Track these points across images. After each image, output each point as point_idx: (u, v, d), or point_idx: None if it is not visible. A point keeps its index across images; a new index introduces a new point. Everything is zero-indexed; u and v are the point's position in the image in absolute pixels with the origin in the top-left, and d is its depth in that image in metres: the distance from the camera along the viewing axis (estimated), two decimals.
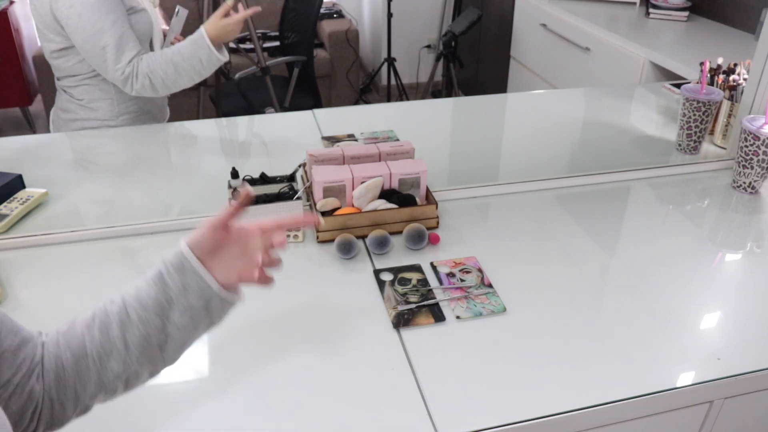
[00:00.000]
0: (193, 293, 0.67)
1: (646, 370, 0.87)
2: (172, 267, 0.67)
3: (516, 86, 3.19)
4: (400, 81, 3.89)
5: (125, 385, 0.67)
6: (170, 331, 0.66)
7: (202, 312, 0.68)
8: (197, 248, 0.68)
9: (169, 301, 0.66)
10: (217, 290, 0.68)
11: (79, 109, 1.60)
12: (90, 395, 0.64)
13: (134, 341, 0.64)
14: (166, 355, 0.67)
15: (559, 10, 2.68)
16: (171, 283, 0.66)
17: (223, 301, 0.69)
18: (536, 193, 1.32)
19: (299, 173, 1.26)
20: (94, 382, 0.64)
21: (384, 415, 0.80)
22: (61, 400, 0.63)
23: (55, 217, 1.21)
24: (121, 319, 0.65)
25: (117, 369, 0.64)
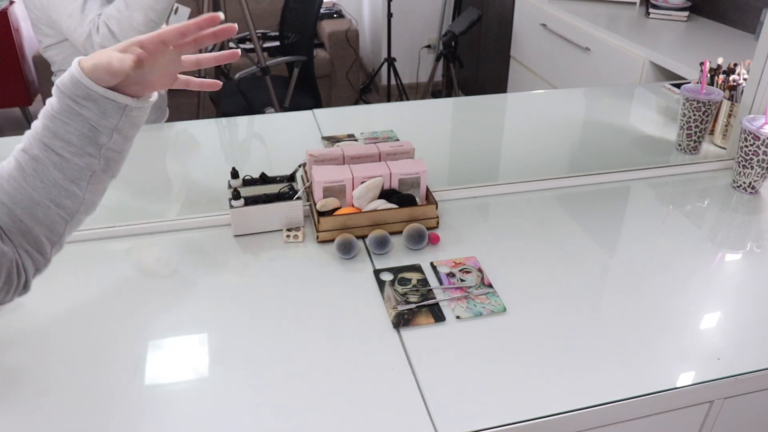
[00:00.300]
0: (110, 114, 0.71)
1: (646, 370, 0.87)
2: (79, 98, 0.70)
3: (516, 86, 3.19)
4: (400, 81, 3.89)
5: (87, 210, 0.74)
6: (106, 154, 0.72)
7: (126, 125, 0.73)
8: (95, 74, 0.71)
9: (93, 129, 0.70)
10: (133, 103, 0.73)
11: None
12: (58, 233, 0.71)
13: (76, 174, 0.70)
14: (112, 172, 0.75)
15: (559, 10, 2.68)
16: (86, 112, 0.70)
17: (141, 109, 0.75)
18: (536, 193, 1.32)
19: (299, 173, 1.26)
20: (58, 222, 0.70)
21: (384, 415, 0.80)
22: (36, 248, 0.70)
23: None
24: (53, 161, 0.69)
25: (71, 204, 0.71)
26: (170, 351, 0.90)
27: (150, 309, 0.97)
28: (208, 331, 0.93)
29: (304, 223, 1.17)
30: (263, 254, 1.10)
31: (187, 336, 0.93)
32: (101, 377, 0.85)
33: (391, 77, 3.94)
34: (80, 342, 0.91)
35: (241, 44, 3.15)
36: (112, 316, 0.96)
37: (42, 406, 0.80)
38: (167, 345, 0.91)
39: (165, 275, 1.06)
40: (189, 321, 0.95)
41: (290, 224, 1.16)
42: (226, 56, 0.79)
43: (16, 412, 0.79)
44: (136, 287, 1.02)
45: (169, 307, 0.98)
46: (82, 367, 0.86)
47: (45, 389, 0.66)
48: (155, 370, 0.87)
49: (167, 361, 0.88)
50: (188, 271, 1.06)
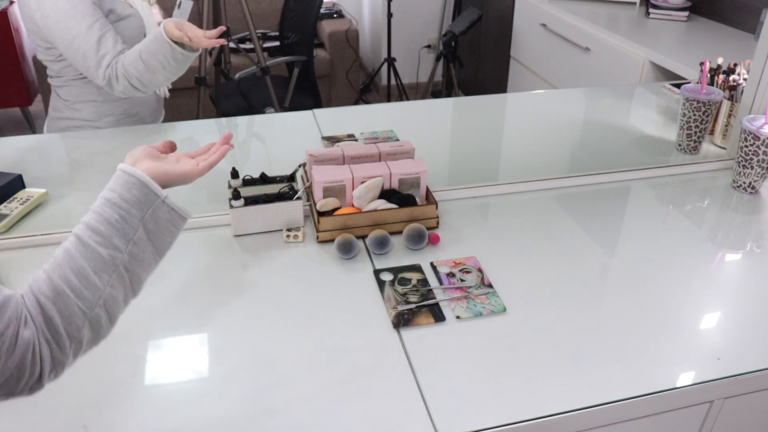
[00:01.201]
0: (140, 205, 0.73)
1: (646, 370, 0.87)
2: (116, 187, 0.73)
3: (516, 86, 3.19)
4: (400, 81, 3.89)
5: (107, 313, 0.71)
6: (130, 249, 0.71)
7: (152, 223, 0.73)
8: (140, 166, 0.77)
9: (120, 220, 0.71)
10: (164, 197, 0.74)
11: (64, 109, 1.60)
12: (77, 328, 0.68)
13: (100, 266, 0.69)
14: (132, 276, 0.73)
15: (559, 10, 2.68)
16: (119, 200, 0.72)
17: (171, 211, 0.75)
18: (536, 193, 1.32)
19: (299, 173, 1.26)
20: (77, 315, 0.68)
21: (384, 415, 0.80)
22: (56, 339, 0.67)
23: (55, 217, 1.21)
24: (80, 251, 0.70)
25: (92, 297, 0.69)
26: (170, 351, 0.90)
27: (150, 309, 0.97)
28: (208, 331, 0.93)
29: (304, 223, 1.17)
30: (263, 254, 1.10)
31: (187, 336, 0.93)
32: (101, 377, 0.85)
33: (391, 77, 3.94)
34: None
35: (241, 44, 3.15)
36: None
37: (42, 406, 0.80)
38: (167, 345, 0.91)
39: (165, 275, 1.06)
40: (189, 321, 0.95)
41: (290, 224, 1.16)
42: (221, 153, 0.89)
43: (16, 412, 0.79)
44: None
45: (168, 307, 0.98)
46: (82, 367, 0.86)
47: (45, 389, 0.66)
48: (155, 370, 0.87)
49: (167, 361, 0.88)
50: (188, 271, 1.06)
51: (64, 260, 0.69)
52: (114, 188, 0.73)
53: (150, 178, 0.74)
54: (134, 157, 0.80)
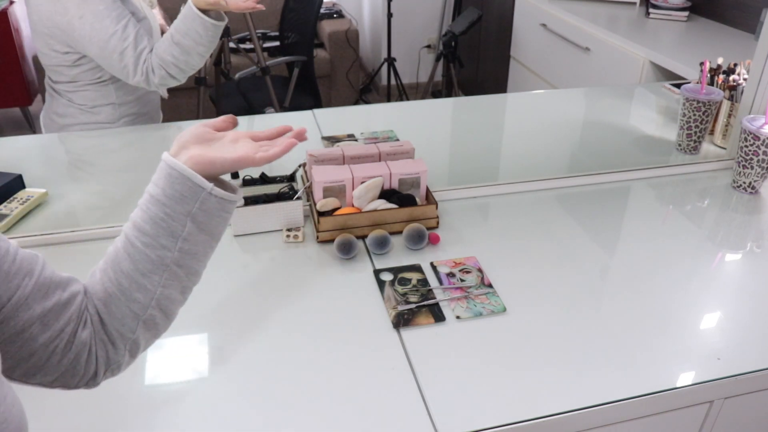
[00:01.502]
0: (185, 200, 0.66)
1: (646, 370, 0.87)
2: (159, 180, 0.67)
3: (516, 86, 3.19)
4: (400, 81, 3.89)
5: (162, 312, 0.68)
6: (180, 246, 0.66)
7: (202, 215, 0.67)
8: (183, 156, 0.68)
9: (165, 218, 0.66)
10: (210, 189, 0.67)
11: (78, 114, 1.60)
12: (130, 329, 0.66)
13: (148, 267, 0.65)
14: (187, 270, 0.68)
15: (559, 10, 2.68)
16: (162, 196, 0.66)
17: (221, 200, 0.68)
18: (536, 193, 1.32)
19: (299, 173, 1.26)
20: (128, 316, 0.66)
21: (384, 415, 0.80)
22: (111, 340, 0.66)
23: (55, 217, 1.21)
24: (128, 251, 0.66)
25: (143, 298, 0.66)
26: (170, 351, 0.90)
27: None
28: (208, 331, 0.93)
29: (304, 223, 1.17)
30: (263, 254, 1.10)
31: (187, 336, 0.93)
32: None
33: (391, 77, 3.94)
34: None
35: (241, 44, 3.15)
36: None
37: (42, 405, 0.80)
38: (167, 345, 0.91)
39: None
40: (189, 321, 0.95)
41: (290, 224, 1.16)
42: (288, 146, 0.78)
43: None
44: None
45: None
46: None
47: (45, 389, 0.66)
48: (155, 370, 0.87)
49: (167, 361, 0.88)
50: None
51: (115, 261, 0.67)
52: (157, 182, 0.67)
53: (192, 171, 0.66)
54: (181, 141, 0.71)
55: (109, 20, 1.43)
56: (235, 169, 0.71)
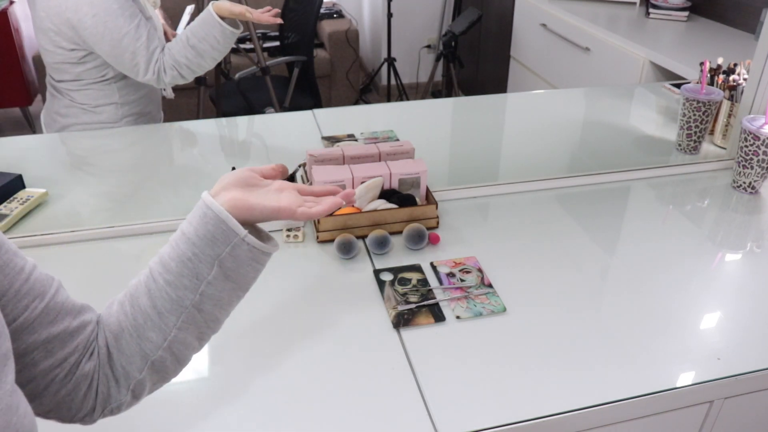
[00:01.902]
0: (216, 242, 0.62)
1: (647, 370, 0.87)
2: (193, 219, 0.64)
3: (516, 86, 3.19)
4: (400, 81, 3.89)
5: (174, 356, 0.64)
6: (203, 289, 0.63)
7: (231, 261, 0.63)
8: (222, 197, 0.64)
9: (192, 257, 0.62)
10: (244, 236, 0.63)
11: (81, 114, 1.60)
12: (138, 368, 0.63)
13: (166, 307, 0.62)
14: (207, 316, 0.65)
15: (559, 10, 2.68)
16: (193, 235, 0.63)
17: (253, 249, 0.64)
18: (536, 193, 1.32)
19: (299, 173, 1.26)
20: (137, 354, 0.63)
21: (384, 415, 0.80)
22: (115, 377, 0.63)
23: (55, 217, 1.21)
24: (148, 287, 0.63)
25: (156, 338, 0.62)
26: None
27: None
28: None
29: (304, 223, 1.17)
30: None
31: None
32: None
33: (391, 77, 3.94)
34: None
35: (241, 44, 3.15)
36: None
37: None
38: None
39: None
40: None
41: (290, 224, 1.16)
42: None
43: None
44: None
45: None
46: None
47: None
48: None
49: None
50: None
51: (134, 296, 0.64)
52: (191, 220, 0.64)
53: (228, 214, 0.62)
54: (224, 182, 0.67)
55: (122, 19, 1.45)
56: (274, 219, 0.67)
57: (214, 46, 1.51)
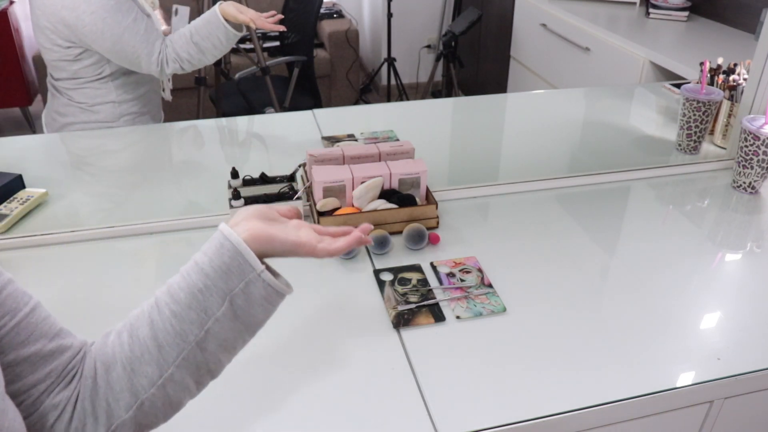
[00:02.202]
0: (230, 276, 0.59)
1: (647, 370, 0.87)
2: (208, 249, 0.61)
3: (516, 86, 3.19)
4: (400, 81, 3.89)
5: (167, 397, 0.59)
6: (210, 326, 0.59)
7: (243, 299, 0.60)
8: (241, 227, 0.62)
9: (203, 289, 0.59)
10: (260, 271, 0.60)
11: (79, 113, 1.60)
12: (125, 406, 0.58)
13: (168, 340, 0.58)
14: (208, 357, 0.60)
15: (559, 10, 2.68)
16: (206, 266, 0.60)
17: (268, 287, 0.61)
18: (536, 193, 1.32)
19: (299, 173, 1.26)
20: (128, 390, 0.58)
21: (384, 414, 0.80)
22: (95, 413, 0.58)
23: (55, 217, 1.21)
24: (152, 317, 0.59)
25: (151, 373, 0.58)
26: None
27: None
28: None
29: None
30: None
31: None
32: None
33: (391, 77, 3.94)
34: None
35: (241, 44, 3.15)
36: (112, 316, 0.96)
37: None
38: None
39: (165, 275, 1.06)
40: None
41: None
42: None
43: None
44: (136, 287, 1.02)
45: None
46: None
47: None
48: None
49: None
50: None
51: (134, 326, 0.60)
52: (206, 250, 0.61)
53: (246, 246, 0.60)
54: (242, 214, 0.65)
55: (120, 14, 1.46)
56: (294, 255, 0.65)
57: (217, 45, 1.55)
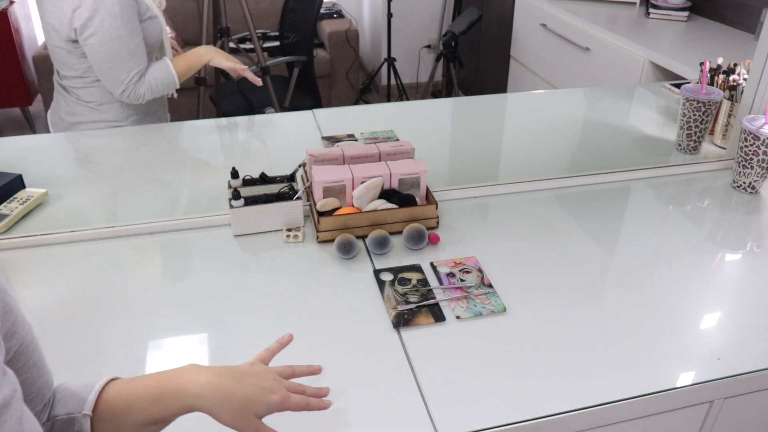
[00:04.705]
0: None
1: (647, 370, 0.87)
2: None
3: (516, 86, 3.19)
4: (400, 81, 3.89)
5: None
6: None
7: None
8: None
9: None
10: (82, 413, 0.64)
11: (87, 112, 1.60)
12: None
13: None
14: None
15: (559, 10, 2.68)
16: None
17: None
18: (536, 193, 1.32)
19: (299, 173, 1.26)
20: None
21: (384, 415, 0.80)
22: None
23: (55, 217, 1.21)
24: None
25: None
26: (170, 351, 0.90)
27: (150, 309, 0.97)
28: (208, 331, 0.93)
29: (304, 223, 1.17)
30: (263, 254, 1.10)
31: (187, 336, 0.93)
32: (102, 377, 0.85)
33: (391, 77, 3.94)
34: (80, 341, 0.91)
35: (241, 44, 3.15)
36: (112, 316, 0.96)
37: None
38: (167, 345, 0.91)
39: (165, 275, 1.06)
40: (189, 321, 0.95)
41: (290, 224, 1.16)
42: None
43: None
44: (136, 287, 1.02)
45: (169, 307, 0.98)
46: (82, 367, 0.86)
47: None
48: (155, 370, 0.87)
49: (167, 361, 0.88)
50: (188, 271, 1.06)
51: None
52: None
53: (100, 386, 0.66)
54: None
55: (119, 21, 1.46)
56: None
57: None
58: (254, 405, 0.66)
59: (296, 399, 0.70)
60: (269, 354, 0.76)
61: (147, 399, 0.63)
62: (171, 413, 0.64)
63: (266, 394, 0.67)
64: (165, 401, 0.63)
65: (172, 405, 0.63)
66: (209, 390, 0.64)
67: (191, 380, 0.64)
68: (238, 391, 0.65)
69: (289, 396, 0.69)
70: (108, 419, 0.64)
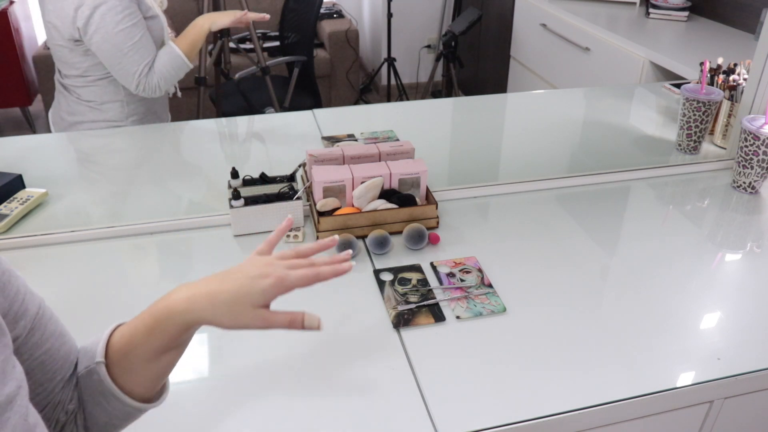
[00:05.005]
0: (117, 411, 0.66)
1: (647, 370, 0.87)
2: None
3: (516, 86, 3.19)
4: (400, 81, 3.89)
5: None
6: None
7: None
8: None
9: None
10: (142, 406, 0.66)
11: (87, 111, 1.60)
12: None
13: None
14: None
15: (559, 10, 2.68)
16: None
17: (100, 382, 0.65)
18: (536, 193, 1.32)
19: (299, 173, 1.26)
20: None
21: (384, 415, 0.80)
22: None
23: (55, 217, 1.21)
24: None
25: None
26: None
27: None
28: (208, 331, 0.93)
29: (304, 223, 1.17)
30: None
31: None
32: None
33: (391, 77, 3.94)
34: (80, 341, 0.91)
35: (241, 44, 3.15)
36: (112, 316, 0.96)
37: None
38: None
39: (165, 275, 1.06)
40: None
41: None
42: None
43: None
44: (136, 287, 1.02)
45: None
46: None
47: None
48: None
49: None
50: (188, 271, 1.06)
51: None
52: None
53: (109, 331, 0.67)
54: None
55: (121, 16, 1.47)
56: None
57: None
58: (246, 297, 0.63)
59: (298, 273, 0.65)
60: (267, 246, 0.70)
61: (143, 331, 0.63)
62: (170, 337, 0.62)
63: (256, 280, 0.63)
64: (160, 327, 0.62)
65: (167, 329, 0.62)
66: (195, 300, 0.62)
67: (176, 299, 0.62)
68: (224, 290, 0.62)
69: (287, 274, 0.64)
70: (119, 361, 0.64)
